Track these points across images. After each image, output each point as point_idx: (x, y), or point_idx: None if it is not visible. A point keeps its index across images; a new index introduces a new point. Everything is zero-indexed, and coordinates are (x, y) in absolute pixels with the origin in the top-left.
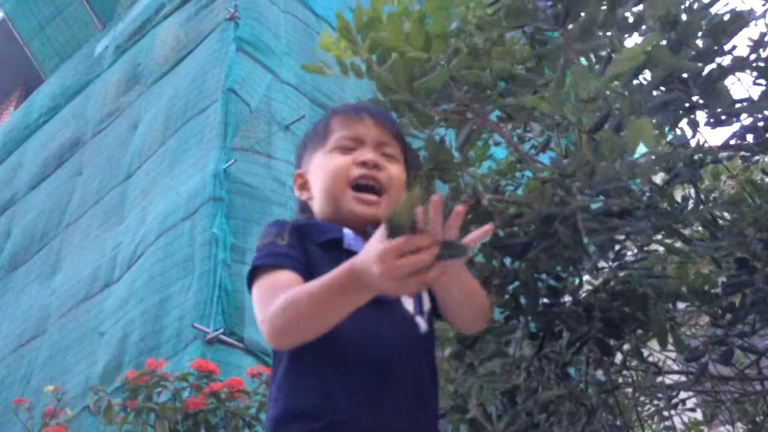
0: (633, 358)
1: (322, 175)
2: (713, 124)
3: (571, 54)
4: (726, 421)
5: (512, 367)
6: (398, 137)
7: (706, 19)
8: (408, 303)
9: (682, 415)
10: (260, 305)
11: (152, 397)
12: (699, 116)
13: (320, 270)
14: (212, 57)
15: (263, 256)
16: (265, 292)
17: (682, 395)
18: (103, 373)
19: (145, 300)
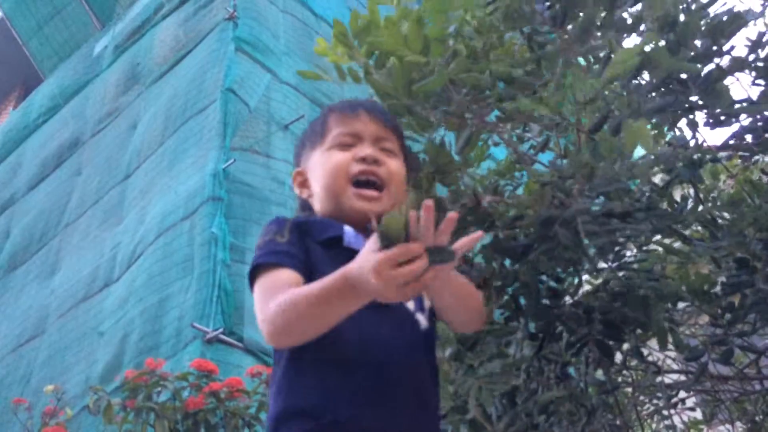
0: (632, 358)
1: (321, 172)
2: (712, 125)
3: (570, 55)
4: (725, 421)
5: (512, 368)
6: (396, 131)
7: (705, 19)
8: (408, 301)
9: (682, 415)
10: (261, 305)
11: (152, 396)
12: (698, 117)
13: (320, 268)
14: (211, 57)
15: (263, 254)
16: (266, 292)
17: (682, 394)
18: (103, 373)
19: (145, 300)
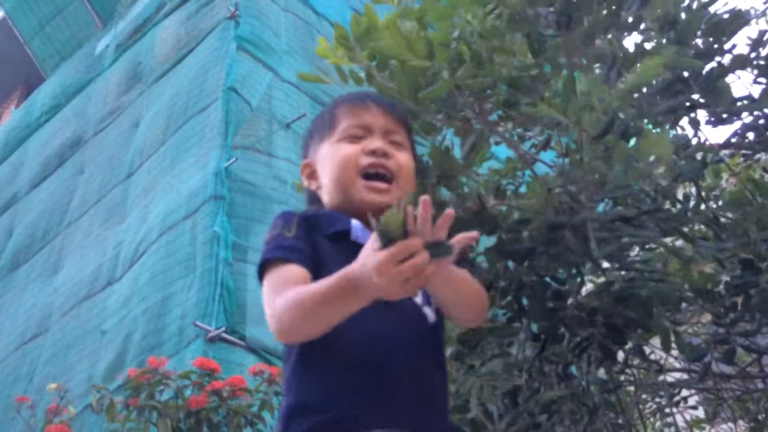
0: (635, 357)
1: (331, 164)
2: (714, 123)
3: (574, 59)
4: (728, 419)
5: (514, 367)
6: (404, 124)
7: (705, 18)
8: (412, 296)
9: (684, 413)
10: (268, 301)
11: (154, 395)
12: (699, 115)
13: (328, 262)
14: (213, 55)
15: (271, 249)
16: (273, 288)
17: (684, 393)
18: (106, 372)
19: (147, 298)
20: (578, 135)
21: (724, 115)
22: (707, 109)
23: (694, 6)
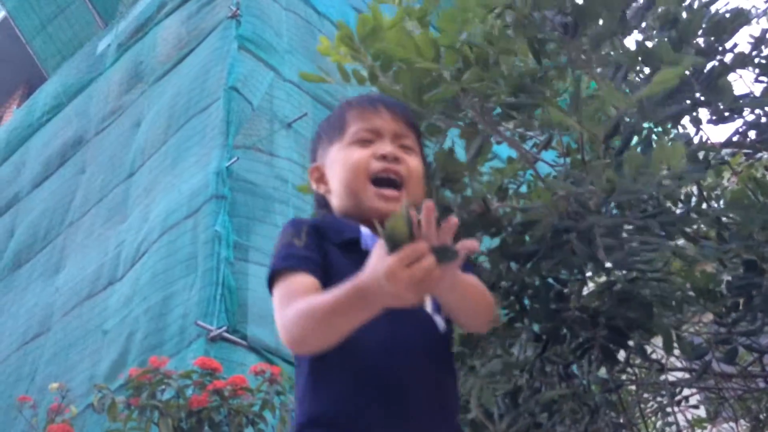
0: (636, 356)
1: (340, 169)
2: (716, 121)
3: (582, 66)
4: (729, 418)
5: (515, 368)
6: (413, 127)
7: (707, 17)
8: (426, 302)
9: (686, 412)
10: (279, 311)
11: (156, 394)
12: (701, 113)
13: (338, 271)
14: (214, 55)
15: (281, 258)
16: (284, 298)
17: (686, 392)
18: (107, 371)
19: (149, 298)
20: (586, 137)
21: (726, 113)
22: (709, 107)
23: (695, 5)
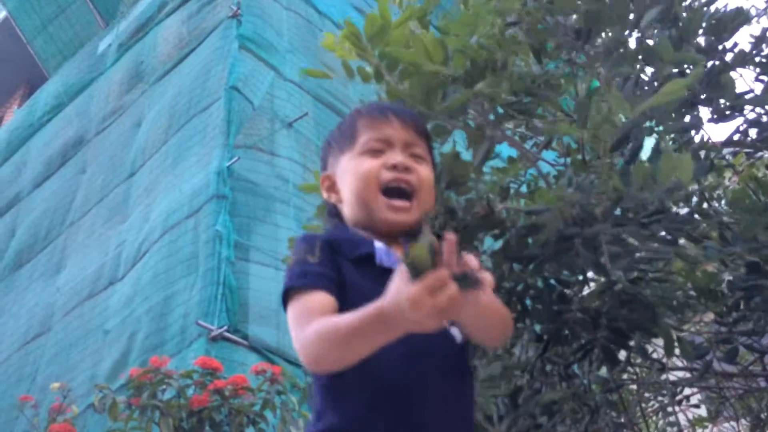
0: (637, 355)
1: (352, 179)
2: (716, 120)
3: (593, 74)
4: (730, 418)
5: (513, 370)
6: (424, 135)
7: (707, 16)
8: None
9: (687, 412)
10: (296, 331)
11: (157, 394)
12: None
13: (353, 286)
14: (215, 55)
15: (295, 276)
16: (300, 317)
17: (687, 392)
18: (109, 371)
19: (150, 298)
20: (586, 138)
21: (726, 112)
22: (709, 105)
23: (695, 5)
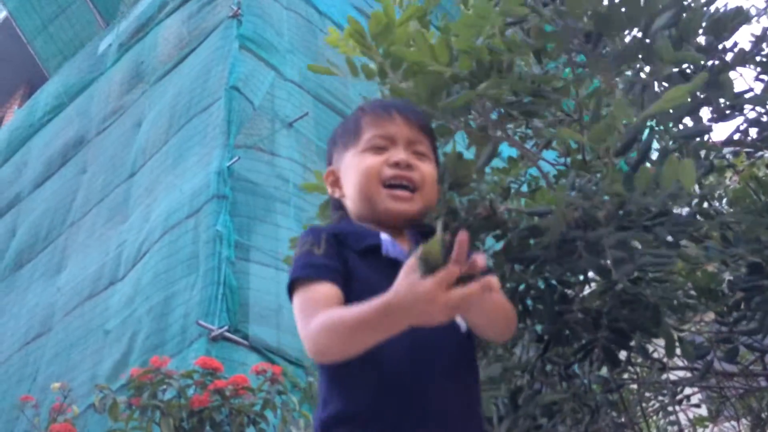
0: (638, 355)
1: (354, 175)
2: (716, 119)
3: (601, 80)
4: (731, 417)
5: (513, 371)
6: (428, 132)
7: (706, 15)
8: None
9: (687, 411)
10: (301, 321)
11: (157, 394)
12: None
13: (360, 278)
14: (215, 54)
15: (301, 267)
16: (306, 308)
17: (687, 391)
18: (109, 371)
19: (150, 298)
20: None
21: (726, 111)
22: (709, 105)
23: (693, 5)
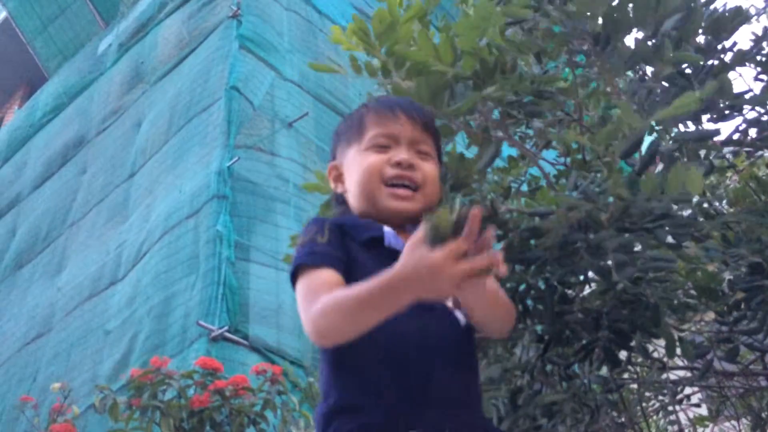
0: (638, 355)
1: (356, 173)
2: (716, 119)
3: (607, 83)
4: (731, 417)
5: (513, 372)
6: (432, 132)
7: (706, 15)
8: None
9: (687, 411)
10: (304, 305)
11: (157, 394)
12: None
13: (362, 268)
14: (215, 55)
15: (305, 254)
16: (308, 292)
17: (687, 391)
18: (110, 371)
19: (150, 298)
20: (609, 157)
21: (725, 111)
22: (710, 107)
23: (692, 5)
